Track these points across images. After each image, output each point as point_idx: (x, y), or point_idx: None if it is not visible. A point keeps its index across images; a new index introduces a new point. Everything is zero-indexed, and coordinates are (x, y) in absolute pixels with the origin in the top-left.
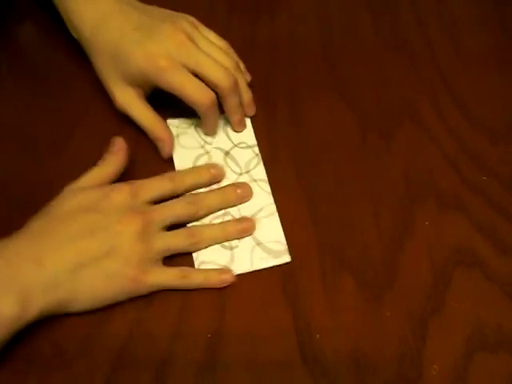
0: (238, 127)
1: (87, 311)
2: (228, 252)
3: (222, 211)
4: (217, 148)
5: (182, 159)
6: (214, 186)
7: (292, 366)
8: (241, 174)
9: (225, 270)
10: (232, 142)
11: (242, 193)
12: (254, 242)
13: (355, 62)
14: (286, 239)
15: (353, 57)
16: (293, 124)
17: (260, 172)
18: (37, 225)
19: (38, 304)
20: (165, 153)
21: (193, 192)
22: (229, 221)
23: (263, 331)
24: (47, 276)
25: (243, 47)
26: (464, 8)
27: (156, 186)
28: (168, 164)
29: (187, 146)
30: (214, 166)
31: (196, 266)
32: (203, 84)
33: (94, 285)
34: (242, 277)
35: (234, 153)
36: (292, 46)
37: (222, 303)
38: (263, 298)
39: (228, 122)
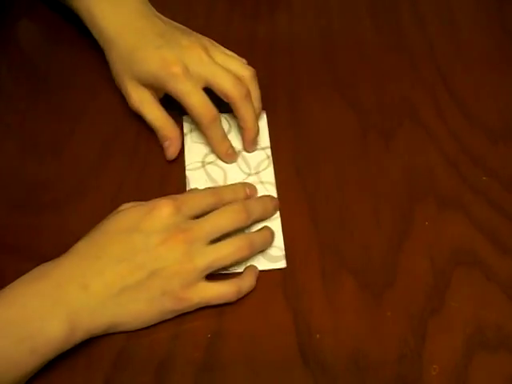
0: (250, 146)
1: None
2: None
3: None
4: None
5: (193, 154)
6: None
7: (292, 366)
8: (250, 175)
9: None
10: None
11: (276, 204)
12: None
13: (355, 62)
14: (286, 239)
15: (353, 57)
16: (293, 124)
17: (269, 175)
18: (83, 246)
19: (85, 327)
20: (170, 152)
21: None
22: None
23: (263, 331)
24: (93, 300)
25: (243, 47)
26: (464, 8)
27: (199, 200)
28: (169, 163)
29: (199, 141)
30: (249, 186)
31: None
32: (208, 100)
33: (138, 308)
34: None
35: (245, 152)
36: (292, 46)
37: (221, 303)
38: (263, 298)
39: None
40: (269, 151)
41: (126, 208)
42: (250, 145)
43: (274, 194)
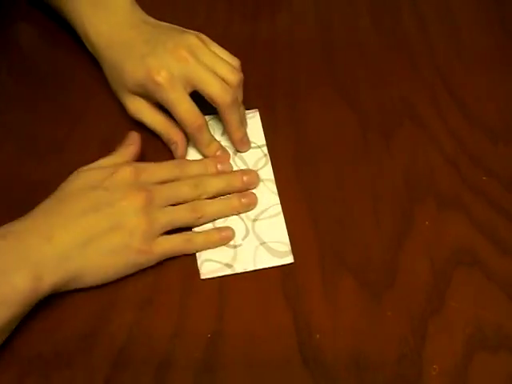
0: (241, 146)
1: (97, 286)
2: (231, 250)
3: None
4: (226, 146)
5: (190, 156)
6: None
7: (292, 366)
8: None
9: (223, 228)
10: None
11: (248, 180)
12: (257, 241)
13: (355, 61)
14: None
15: (353, 57)
16: (293, 124)
17: (268, 172)
18: (47, 204)
19: (51, 278)
20: (178, 154)
21: (198, 176)
22: (233, 195)
23: (263, 331)
24: (57, 251)
25: (243, 47)
26: (464, 8)
27: (161, 170)
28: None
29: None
30: (221, 161)
31: (199, 264)
32: (195, 107)
33: (102, 259)
34: (241, 277)
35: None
36: (292, 46)
37: (222, 303)
38: (263, 298)
39: None
40: (265, 149)
41: (87, 169)
42: (239, 144)
43: (275, 190)
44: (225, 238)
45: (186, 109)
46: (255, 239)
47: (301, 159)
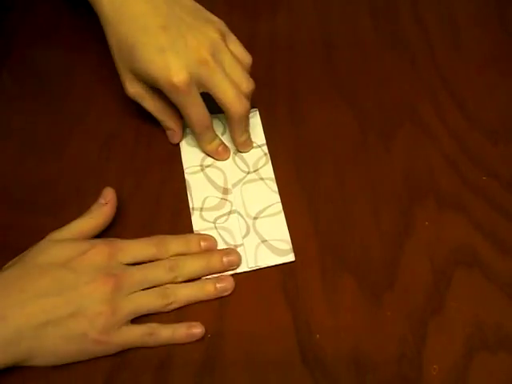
0: (243, 148)
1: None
2: None
3: (225, 217)
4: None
5: (190, 158)
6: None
7: (292, 366)
8: (249, 173)
9: (193, 324)
10: None
11: (229, 262)
12: (259, 239)
13: (355, 61)
14: None
15: (353, 57)
16: (293, 124)
17: (268, 171)
18: (8, 275)
19: None
20: (172, 140)
21: (176, 258)
22: (208, 279)
23: (263, 331)
24: (9, 331)
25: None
26: (464, 8)
27: (138, 249)
28: (169, 163)
29: (195, 144)
30: (205, 238)
31: None
32: (205, 109)
33: (56, 344)
34: (241, 276)
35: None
36: (292, 46)
37: (222, 303)
38: (263, 297)
39: None
40: (265, 148)
41: (60, 239)
42: (242, 146)
43: (275, 188)
44: (192, 335)
45: (197, 112)
46: (256, 237)
47: (301, 159)
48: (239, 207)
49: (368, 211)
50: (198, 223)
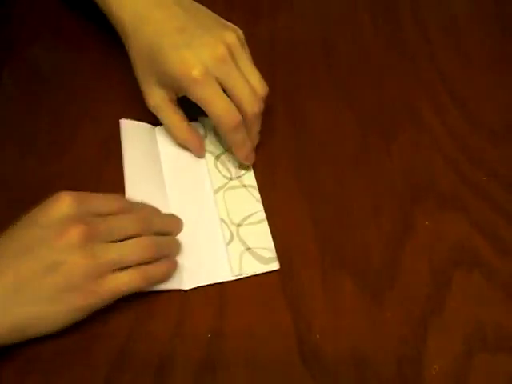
0: (251, 151)
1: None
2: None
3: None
4: (207, 152)
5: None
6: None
7: (292, 366)
8: (231, 179)
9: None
10: (223, 147)
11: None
12: (243, 247)
13: (355, 61)
14: (286, 240)
15: (353, 57)
16: (293, 124)
17: (250, 178)
18: None
19: None
20: (195, 154)
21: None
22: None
23: (263, 331)
24: None
25: None
26: (464, 8)
27: (103, 201)
28: None
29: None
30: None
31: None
32: (232, 104)
33: (40, 308)
34: (241, 276)
35: (224, 157)
36: (292, 46)
37: (222, 303)
38: (263, 298)
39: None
40: None
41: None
42: (251, 151)
43: (258, 196)
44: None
45: (223, 107)
46: (240, 244)
47: (301, 159)
48: (222, 213)
49: (368, 211)
50: None
